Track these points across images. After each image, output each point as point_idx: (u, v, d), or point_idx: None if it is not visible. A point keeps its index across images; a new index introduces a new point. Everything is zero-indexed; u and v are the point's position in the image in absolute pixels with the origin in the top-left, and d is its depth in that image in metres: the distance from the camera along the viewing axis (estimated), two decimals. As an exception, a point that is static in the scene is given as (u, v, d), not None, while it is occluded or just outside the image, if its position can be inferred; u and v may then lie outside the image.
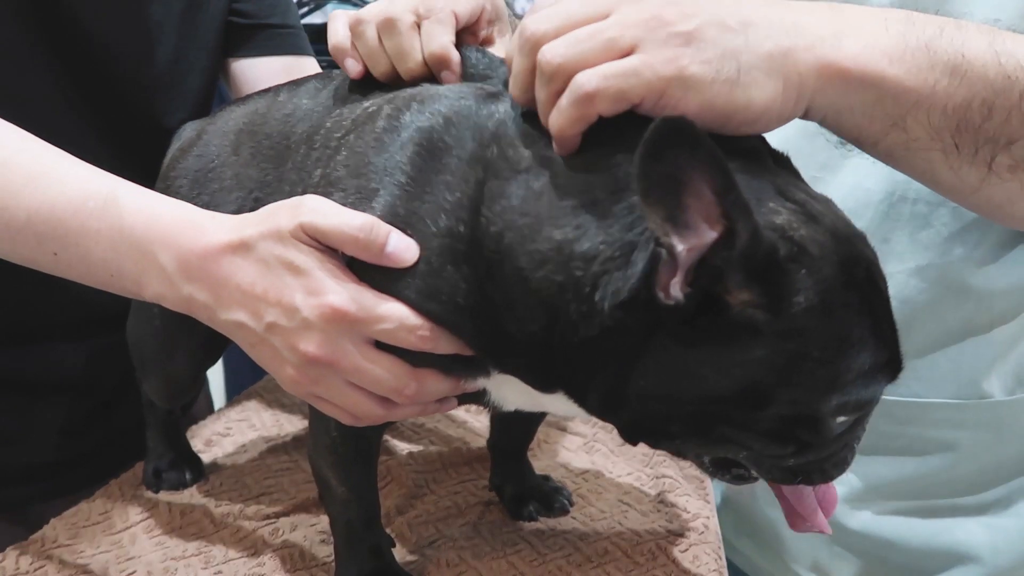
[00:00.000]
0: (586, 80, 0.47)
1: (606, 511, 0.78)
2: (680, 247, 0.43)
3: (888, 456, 0.70)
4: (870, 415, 0.52)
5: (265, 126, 0.67)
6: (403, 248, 0.52)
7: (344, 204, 0.54)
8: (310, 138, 0.62)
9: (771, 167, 0.50)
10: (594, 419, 1.00)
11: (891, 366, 0.48)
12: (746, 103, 0.48)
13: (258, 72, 0.96)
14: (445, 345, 0.53)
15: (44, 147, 0.62)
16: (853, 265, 0.46)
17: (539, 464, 0.87)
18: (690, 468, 0.88)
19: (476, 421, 0.99)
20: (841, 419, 0.48)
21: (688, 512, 0.78)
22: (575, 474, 0.86)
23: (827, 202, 0.49)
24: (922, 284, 0.48)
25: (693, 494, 0.81)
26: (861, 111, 0.49)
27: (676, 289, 0.44)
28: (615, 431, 0.97)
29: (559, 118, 0.49)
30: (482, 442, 0.87)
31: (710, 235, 0.43)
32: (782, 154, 0.53)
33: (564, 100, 0.48)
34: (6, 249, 0.61)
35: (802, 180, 0.52)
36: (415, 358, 0.54)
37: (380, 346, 0.54)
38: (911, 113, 0.49)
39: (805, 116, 0.51)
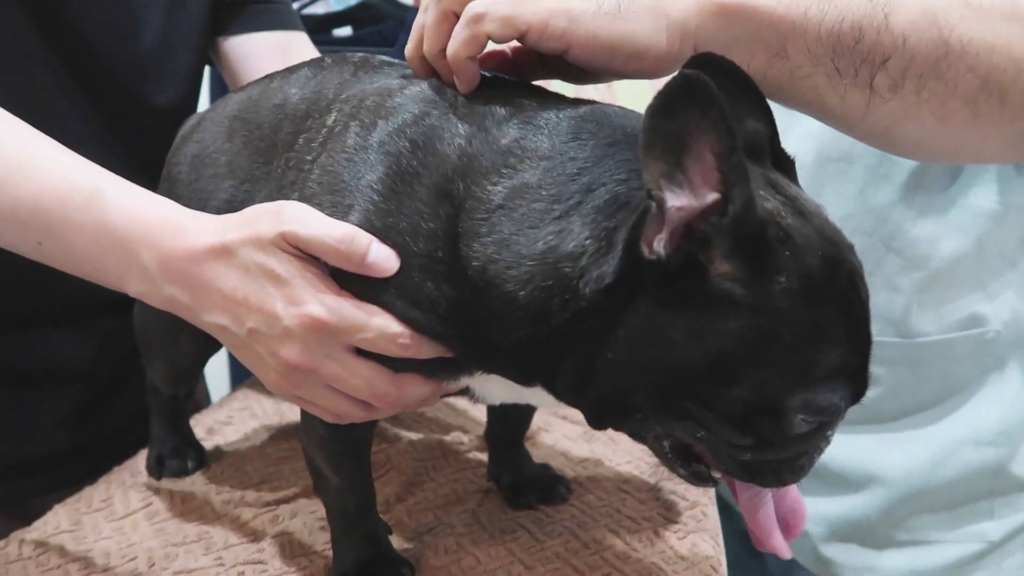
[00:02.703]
0: (477, 4, 0.52)
1: (604, 499, 0.79)
2: (671, 203, 0.43)
3: None
4: (832, 430, 0.52)
5: (257, 115, 0.68)
6: (384, 258, 0.52)
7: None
8: (289, 147, 0.62)
9: (767, 164, 0.51)
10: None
11: (858, 379, 0.48)
12: (628, 35, 0.51)
13: (250, 49, 0.96)
14: (427, 351, 0.54)
15: (31, 134, 0.61)
16: (836, 265, 0.47)
17: (538, 453, 0.87)
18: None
19: (476, 410, 0.99)
20: (802, 419, 0.48)
21: (686, 500, 0.78)
22: (574, 462, 0.86)
23: (819, 207, 0.50)
24: (848, 233, 0.51)
25: (692, 482, 0.82)
26: (744, 45, 0.52)
27: (660, 245, 0.45)
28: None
29: (454, 43, 0.53)
30: (482, 431, 0.87)
31: (705, 200, 0.43)
32: (789, 157, 0.54)
33: (458, 25, 0.53)
34: None
35: (798, 184, 0.52)
36: (396, 362, 0.54)
37: (363, 352, 0.54)
38: (789, 41, 0.51)
39: None
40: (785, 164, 0.53)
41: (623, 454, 0.88)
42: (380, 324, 0.53)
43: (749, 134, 0.51)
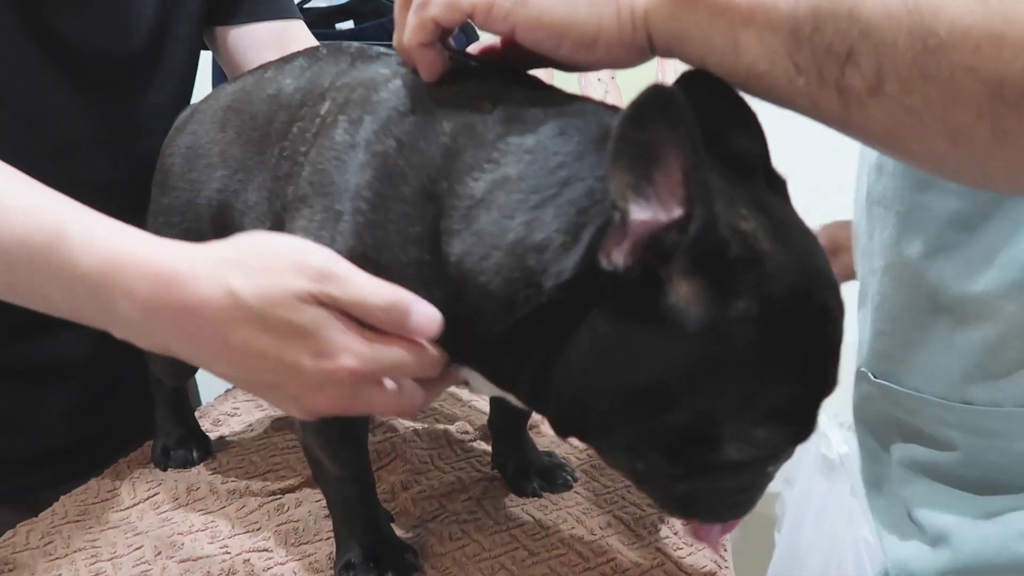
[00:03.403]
0: None
1: (609, 486, 0.79)
2: (635, 216, 0.42)
3: (905, 443, 0.69)
4: (775, 467, 0.51)
5: (251, 105, 0.67)
6: (428, 320, 0.49)
7: (312, 221, 0.55)
8: (283, 137, 0.62)
9: (759, 183, 0.49)
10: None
11: (802, 420, 0.47)
12: (574, 20, 0.48)
13: (250, 40, 0.95)
14: (441, 362, 0.52)
15: None
16: (805, 299, 0.45)
17: (543, 441, 0.87)
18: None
19: (480, 400, 0.99)
20: (738, 451, 0.46)
21: (691, 486, 0.78)
22: (578, 450, 0.86)
23: (810, 236, 0.48)
24: (890, 282, 0.46)
25: (696, 469, 0.82)
26: (697, 36, 0.47)
27: (619, 256, 0.43)
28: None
29: (406, 32, 0.53)
30: (486, 419, 0.87)
31: (672, 214, 0.42)
32: (781, 178, 0.51)
33: (409, 13, 0.53)
34: None
35: (791, 206, 0.50)
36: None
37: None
38: (741, 32, 0.45)
39: (655, 51, 0.50)
40: (776, 185, 0.51)
41: (628, 442, 0.88)
42: (413, 358, 0.50)
43: (739, 152, 0.49)
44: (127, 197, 0.76)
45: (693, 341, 0.43)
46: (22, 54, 0.77)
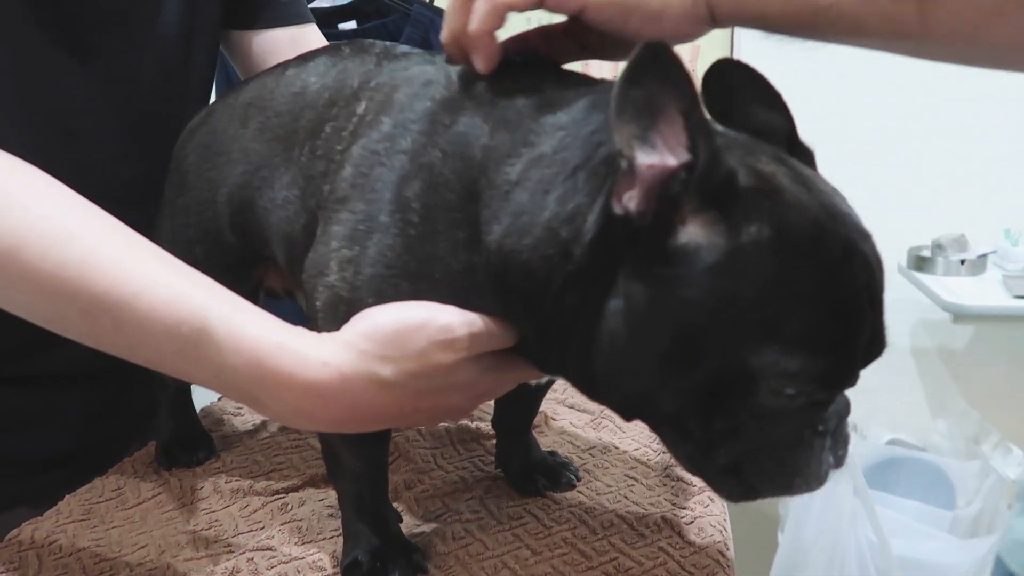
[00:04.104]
0: None
1: (612, 485, 0.79)
2: (641, 161, 0.44)
3: None
4: (825, 425, 0.49)
5: (274, 103, 0.68)
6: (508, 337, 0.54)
7: (357, 229, 0.55)
8: (314, 135, 0.62)
9: (780, 149, 0.50)
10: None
11: (844, 348, 0.46)
12: None
13: (267, 45, 0.95)
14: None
15: (123, 236, 0.54)
16: (830, 236, 0.45)
17: (546, 440, 0.87)
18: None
19: (484, 399, 0.99)
20: (776, 391, 0.45)
21: (694, 485, 0.78)
22: (582, 449, 0.86)
23: (839, 194, 0.48)
24: None
25: (699, 468, 0.82)
26: None
27: (631, 202, 0.45)
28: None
29: (475, 18, 0.54)
30: (489, 418, 0.87)
31: (677, 160, 0.44)
32: (808, 149, 0.53)
33: (478, 1, 0.54)
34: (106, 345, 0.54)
35: (817, 171, 0.51)
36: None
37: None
38: None
39: (715, 20, 0.53)
40: (804, 155, 0.52)
41: (631, 441, 0.88)
42: (522, 371, 0.56)
43: (763, 123, 0.51)
44: (153, 207, 0.77)
45: (710, 274, 0.44)
46: (60, 72, 0.76)
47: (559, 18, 0.59)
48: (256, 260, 0.72)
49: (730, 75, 0.52)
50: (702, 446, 0.49)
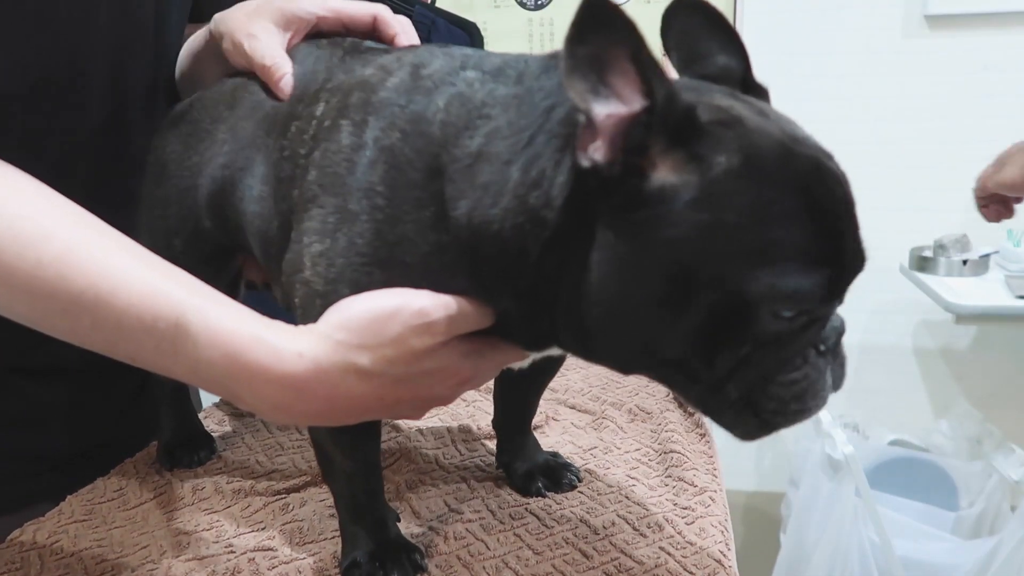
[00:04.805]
0: None
1: (613, 486, 0.79)
2: (599, 111, 0.44)
3: None
4: (826, 344, 0.49)
5: (261, 87, 0.68)
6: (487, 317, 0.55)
7: (326, 222, 0.55)
8: (283, 132, 0.63)
9: (735, 90, 0.51)
10: (602, 396, 1.00)
11: (832, 260, 0.45)
12: None
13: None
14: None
15: (99, 233, 0.54)
16: (797, 156, 0.45)
17: (548, 441, 0.87)
18: (698, 443, 0.88)
19: (484, 399, 0.99)
20: (774, 314, 0.45)
21: (695, 486, 0.78)
22: (583, 450, 0.86)
23: (795, 122, 0.49)
24: None
25: (701, 468, 0.82)
26: None
27: (596, 153, 0.45)
28: (623, 408, 0.98)
29: None
30: (490, 420, 0.87)
31: (635, 106, 0.44)
32: (763, 87, 0.54)
33: None
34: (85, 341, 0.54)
35: (770, 106, 0.52)
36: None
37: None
38: None
39: None
40: (759, 92, 0.53)
41: (631, 442, 0.88)
42: (503, 355, 0.56)
43: (720, 68, 0.53)
44: (126, 198, 0.76)
45: (690, 210, 0.44)
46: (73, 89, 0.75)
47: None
48: (234, 250, 0.72)
49: (689, 16, 0.53)
50: (711, 385, 0.48)
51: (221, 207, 0.69)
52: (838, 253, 0.46)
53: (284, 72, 0.66)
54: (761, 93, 0.53)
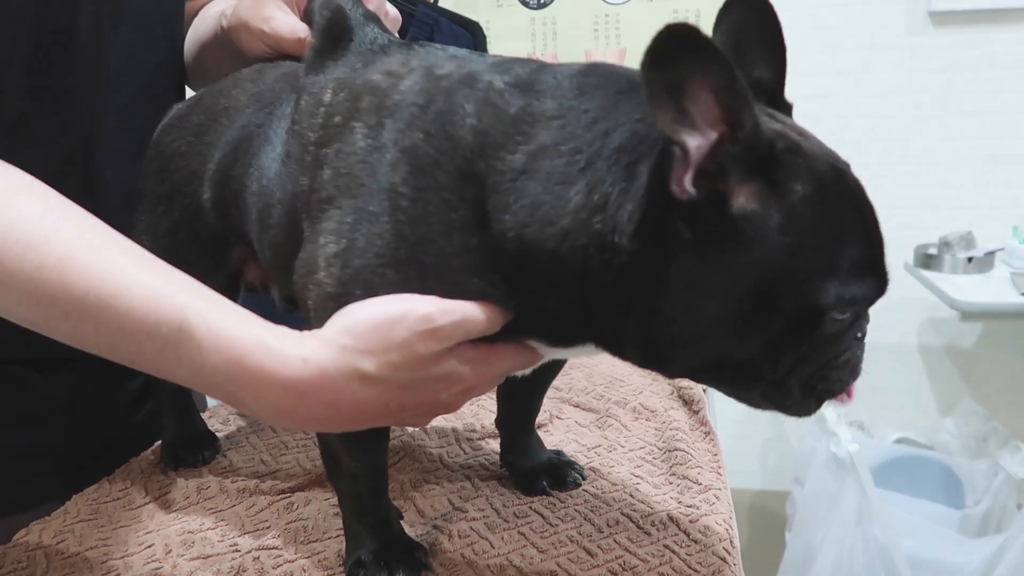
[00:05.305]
0: None
1: (618, 484, 0.79)
2: (692, 143, 0.45)
3: None
4: (862, 332, 0.54)
5: (266, 72, 0.71)
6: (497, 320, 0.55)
7: (343, 223, 0.55)
8: (295, 105, 0.63)
9: (762, 104, 0.52)
10: (607, 395, 1.00)
11: (879, 269, 0.51)
12: None
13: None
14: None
15: (100, 236, 0.54)
16: (842, 172, 0.50)
17: (552, 439, 0.87)
18: (703, 441, 0.88)
19: (488, 398, 0.99)
20: (836, 317, 0.50)
21: (699, 484, 0.78)
22: (587, 448, 0.86)
23: (815, 137, 0.52)
24: None
25: (705, 467, 0.81)
26: None
27: (689, 184, 0.46)
28: (627, 406, 0.98)
29: None
30: (494, 419, 0.87)
31: (711, 135, 0.45)
32: (787, 103, 0.55)
33: None
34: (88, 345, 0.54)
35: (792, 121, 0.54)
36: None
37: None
38: None
39: None
40: (783, 108, 0.54)
41: (636, 440, 0.88)
42: (512, 360, 0.56)
43: (752, 80, 0.53)
44: (126, 194, 0.76)
45: (776, 235, 0.47)
46: (66, 74, 0.75)
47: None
48: (234, 240, 0.72)
49: (743, 10, 0.53)
50: (774, 382, 0.52)
51: (224, 197, 0.69)
52: (881, 258, 0.51)
53: None
54: (787, 109, 0.54)
